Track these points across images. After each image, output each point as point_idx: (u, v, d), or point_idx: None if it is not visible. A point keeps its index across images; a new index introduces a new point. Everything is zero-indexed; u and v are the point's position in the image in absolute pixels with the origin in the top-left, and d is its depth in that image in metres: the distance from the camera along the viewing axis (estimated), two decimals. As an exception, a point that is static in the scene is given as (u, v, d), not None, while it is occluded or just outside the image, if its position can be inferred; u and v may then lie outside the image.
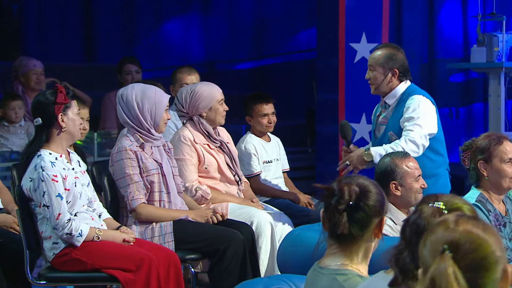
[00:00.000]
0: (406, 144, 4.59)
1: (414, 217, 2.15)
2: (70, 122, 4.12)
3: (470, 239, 1.72)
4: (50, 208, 3.96)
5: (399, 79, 4.84)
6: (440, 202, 2.18)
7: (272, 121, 5.62)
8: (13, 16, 10.04)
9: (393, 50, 4.90)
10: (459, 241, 1.72)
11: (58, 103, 4.07)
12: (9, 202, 4.75)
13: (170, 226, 4.44)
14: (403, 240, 2.13)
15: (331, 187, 2.51)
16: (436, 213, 2.14)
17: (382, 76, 4.83)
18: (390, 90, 4.85)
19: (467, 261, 1.70)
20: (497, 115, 7.07)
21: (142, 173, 4.45)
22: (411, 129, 4.68)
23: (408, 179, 4.01)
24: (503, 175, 3.90)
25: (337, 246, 2.53)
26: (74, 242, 4.02)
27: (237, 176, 5.09)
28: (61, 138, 4.11)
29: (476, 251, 1.71)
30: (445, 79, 8.03)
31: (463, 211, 2.20)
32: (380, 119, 4.94)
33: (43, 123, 4.09)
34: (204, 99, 4.97)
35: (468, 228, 1.75)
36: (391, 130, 4.82)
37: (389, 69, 4.82)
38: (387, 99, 4.88)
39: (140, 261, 4.04)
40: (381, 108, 4.98)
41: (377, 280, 2.26)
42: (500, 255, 1.73)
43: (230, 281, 4.43)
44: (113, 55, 9.19)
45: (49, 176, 3.97)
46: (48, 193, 3.96)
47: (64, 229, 3.98)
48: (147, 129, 4.51)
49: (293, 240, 4.27)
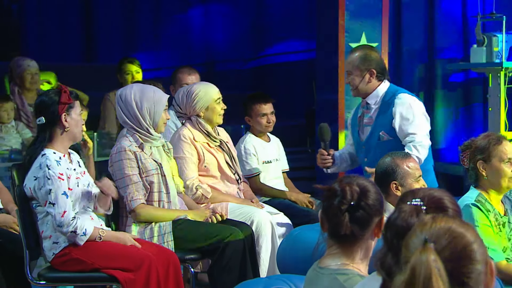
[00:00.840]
0: (418, 151, 4.73)
1: (394, 217, 2.14)
2: (73, 122, 4.13)
3: (447, 232, 1.74)
4: (55, 206, 3.96)
5: (378, 78, 4.92)
6: (418, 199, 2.17)
7: (271, 121, 5.62)
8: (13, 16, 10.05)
9: (367, 51, 4.97)
10: (438, 234, 1.74)
11: (62, 103, 4.08)
12: (9, 202, 4.76)
13: (169, 226, 4.45)
14: (385, 243, 2.13)
15: (333, 187, 2.50)
16: (414, 211, 2.13)
17: (360, 78, 4.92)
18: (371, 90, 4.93)
19: (446, 252, 1.72)
20: (497, 115, 7.07)
21: (142, 174, 4.45)
22: (413, 132, 4.75)
23: (408, 179, 4.01)
24: (502, 175, 3.90)
25: (338, 247, 2.53)
26: (77, 241, 4.02)
27: (236, 175, 5.10)
28: (64, 138, 4.12)
29: (455, 243, 1.73)
30: (445, 79, 8.02)
31: (443, 203, 2.19)
32: (365, 121, 4.99)
33: (46, 123, 4.10)
34: (200, 99, 4.98)
35: (444, 223, 1.77)
36: (382, 129, 4.86)
37: (365, 70, 4.91)
38: (369, 100, 4.96)
39: (140, 261, 4.05)
40: (363, 109, 5.02)
41: (372, 280, 2.25)
42: (479, 247, 1.75)
43: (230, 278, 4.43)
44: (113, 55, 9.19)
45: (55, 174, 3.97)
46: (54, 190, 3.96)
47: (69, 227, 3.97)
48: (146, 129, 4.51)
49: (292, 240, 4.27)
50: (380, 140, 4.87)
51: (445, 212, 2.17)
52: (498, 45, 7.07)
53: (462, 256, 1.73)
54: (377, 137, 4.90)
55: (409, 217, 2.12)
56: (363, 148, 5.01)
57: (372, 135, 4.93)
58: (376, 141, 4.89)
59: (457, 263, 1.72)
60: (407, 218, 2.11)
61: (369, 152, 4.95)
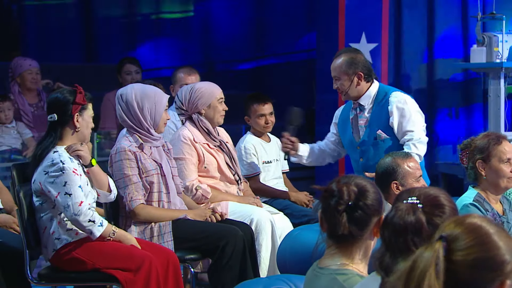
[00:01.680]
0: (417, 149, 4.80)
1: (390, 216, 2.14)
2: (84, 123, 4.15)
3: (475, 234, 1.70)
4: (72, 196, 3.96)
5: (366, 80, 4.95)
6: (414, 197, 2.17)
7: (269, 122, 5.62)
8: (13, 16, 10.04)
9: (352, 54, 5.01)
10: (457, 236, 1.70)
11: (77, 103, 4.10)
12: (9, 202, 4.75)
13: (169, 225, 4.44)
14: (383, 242, 2.13)
15: (330, 187, 2.50)
16: (411, 209, 2.13)
17: (348, 82, 4.95)
18: (362, 92, 5.00)
19: (469, 256, 1.67)
20: (497, 116, 7.07)
21: (141, 174, 4.45)
22: (411, 129, 4.80)
23: (409, 179, 4.01)
24: (501, 175, 3.91)
25: (337, 247, 2.53)
26: (94, 231, 4.00)
27: (236, 175, 5.10)
28: (73, 138, 4.14)
29: (483, 250, 1.68)
30: (445, 79, 8.02)
31: (439, 201, 2.19)
32: (359, 122, 5.01)
33: (58, 120, 4.10)
34: (203, 95, 4.98)
35: (477, 224, 1.72)
36: (378, 128, 4.89)
37: (353, 73, 4.94)
38: (361, 101, 5.00)
39: (140, 261, 4.04)
40: (355, 111, 5.04)
41: (372, 280, 2.26)
42: (508, 261, 1.69)
43: (230, 277, 4.43)
44: (113, 55, 9.19)
45: (70, 168, 3.99)
46: (70, 182, 3.97)
47: (87, 216, 3.97)
48: (147, 129, 4.51)
49: (292, 240, 4.28)
50: (377, 139, 4.90)
51: (441, 209, 2.17)
52: (498, 45, 7.07)
53: (487, 265, 1.68)
54: (374, 137, 4.92)
55: (405, 215, 2.12)
56: (358, 149, 5.03)
57: (369, 135, 4.95)
58: (372, 140, 4.92)
59: (480, 270, 1.67)
60: (403, 217, 2.12)
61: (365, 152, 4.97)
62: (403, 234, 2.11)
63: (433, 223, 2.13)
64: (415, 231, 2.11)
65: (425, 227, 2.12)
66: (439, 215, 2.15)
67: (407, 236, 2.10)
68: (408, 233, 2.11)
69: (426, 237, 2.00)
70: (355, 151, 5.05)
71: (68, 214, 3.98)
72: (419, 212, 2.13)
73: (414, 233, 2.11)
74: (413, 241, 2.09)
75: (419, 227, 2.12)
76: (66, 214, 4.01)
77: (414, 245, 2.05)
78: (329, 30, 7.05)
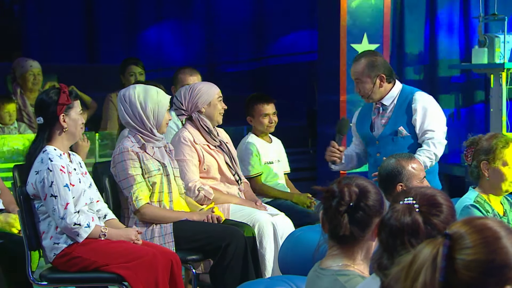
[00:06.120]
0: (436, 148, 4.85)
1: (387, 217, 2.13)
2: (72, 122, 4.13)
3: (483, 235, 1.64)
4: (58, 198, 3.96)
5: (387, 81, 4.95)
6: (410, 197, 2.17)
7: (273, 121, 5.63)
8: (14, 16, 10.05)
9: (372, 57, 5.00)
10: (462, 236, 1.64)
11: (60, 104, 4.08)
12: (10, 203, 4.75)
13: (170, 226, 4.45)
14: (381, 244, 2.12)
15: (331, 188, 2.50)
16: (407, 209, 2.12)
17: (371, 85, 4.95)
18: (385, 94, 5.03)
19: (470, 256, 1.61)
20: (499, 116, 7.07)
21: (144, 174, 4.45)
22: (433, 129, 4.86)
23: (414, 181, 4.00)
24: (504, 179, 3.90)
25: (338, 247, 2.52)
26: (81, 232, 3.99)
27: (237, 176, 5.10)
28: (63, 138, 4.13)
29: (488, 252, 1.62)
30: (446, 80, 8.02)
31: (436, 199, 2.18)
32: (382, 121, 5.00)
33: (45, 123, 4.10)
34: (203, 94, 5.00)
35: (487, 225, 1.65)
36: (400, 125, 4.92)
37: (375, 76, 4.93)
38: (384, 101, 4.99)
39: (142, 259, 4.04)
40: (376, 111, 5.03)
41: (373, 281, 2.25)
42: None
43: (232, 278, 4.43)
44: (114, 56, 9.19)
45: (57, 166, 3.99)
46: (56, 182, 3.97)
47: (72, 219, 3.96)
48: (150, 129, 4.51)
49: (294, 241, 4.27)
50: (398, 136, 4.92)
51: (438, 208, 2.16)
52: (500, 46, 7.07)
53: (489, 268, 1.61)
54: (395, 133, 4.93)
55: (402, 216, 2.11)
56: (377, 144, 5.01)
57: (389, 131, 4.95)
58: (392, 136, 4.93)
59: (483, 275, 1.61)
60: (400, 218, 2.11)
61: (383, 147, 4.95)
62: (400, 236, 2.10)
63: (431, 222, 2.12)
64: (412, 232, 2.10)
65: (422, 227, 2.11)
66: (436, 214, 2.14)
67: (404, 237, 2.09)
68: (405, 234, 2.09)
69: (424, 237, 1.98)
70: (374, 145, 5.05)
71: (55, 217, 3.99)
72: (415, 213, 2.12)
73: (411, 234, 2.09)
74: (410, 242, 2.08)
75: (416, 227, 2.10)
76: (54, 218, 4.00)
77: (412, 246, 2.04)
78: (330, 31, 7.05)
